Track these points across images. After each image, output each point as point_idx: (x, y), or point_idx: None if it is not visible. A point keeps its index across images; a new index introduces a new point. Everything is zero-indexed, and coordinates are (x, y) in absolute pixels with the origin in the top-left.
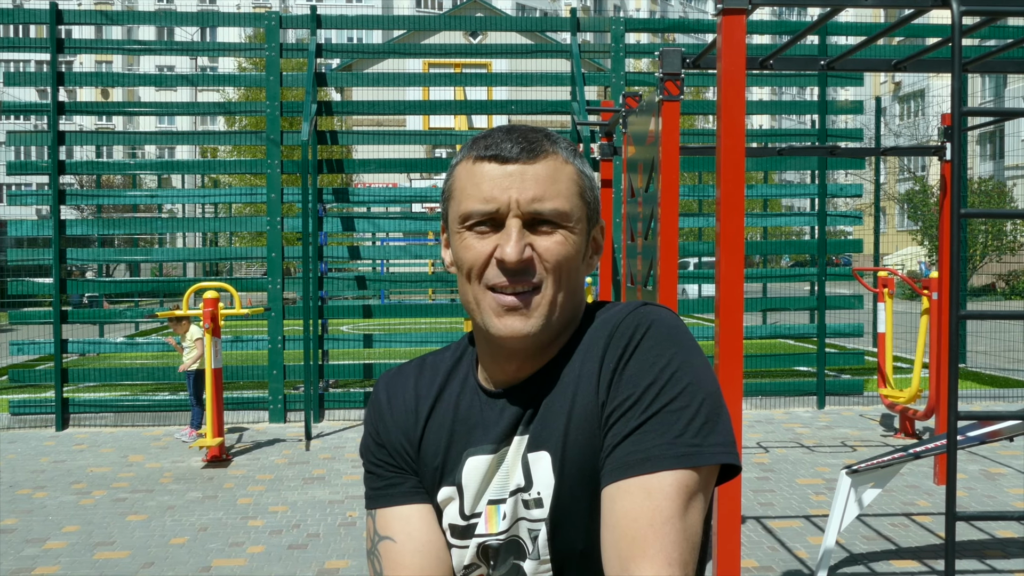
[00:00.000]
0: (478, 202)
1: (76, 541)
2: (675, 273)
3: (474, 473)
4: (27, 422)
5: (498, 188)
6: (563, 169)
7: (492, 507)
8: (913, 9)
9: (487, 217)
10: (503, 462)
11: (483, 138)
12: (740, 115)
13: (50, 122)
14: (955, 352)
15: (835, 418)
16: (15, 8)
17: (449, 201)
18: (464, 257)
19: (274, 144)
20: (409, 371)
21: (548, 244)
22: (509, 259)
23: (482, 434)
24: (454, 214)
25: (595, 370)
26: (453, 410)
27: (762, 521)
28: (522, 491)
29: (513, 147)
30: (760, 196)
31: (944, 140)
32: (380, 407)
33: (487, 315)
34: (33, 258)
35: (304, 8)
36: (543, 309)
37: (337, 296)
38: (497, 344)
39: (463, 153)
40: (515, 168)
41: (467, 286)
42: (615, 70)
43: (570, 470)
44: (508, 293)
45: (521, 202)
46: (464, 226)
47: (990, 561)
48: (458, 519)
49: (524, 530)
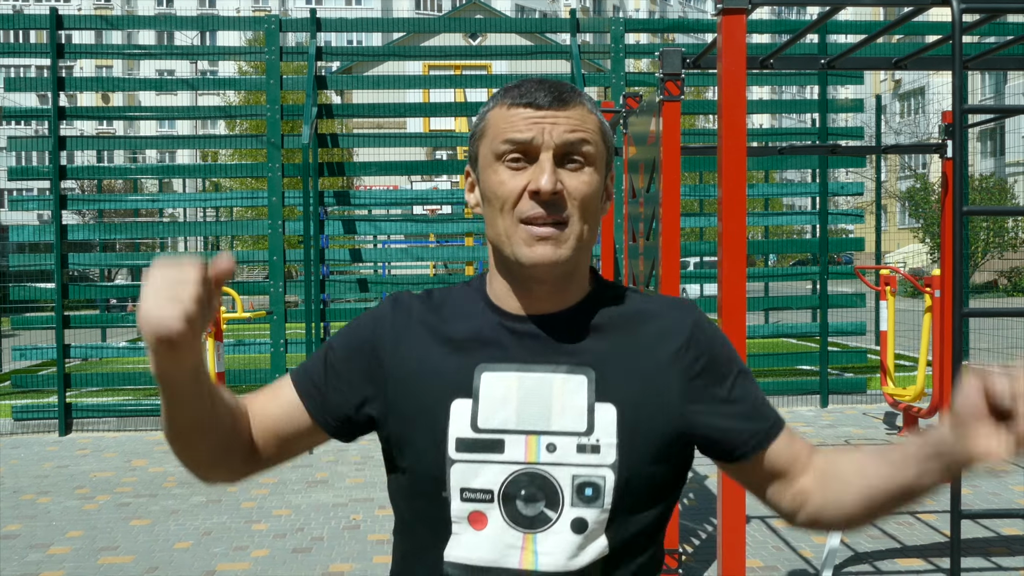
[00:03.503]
0: (514, 133)
1: (80, 546)
2: (677, 273)
3: (493, 389)
4: (30, 427)
5: (534, 125)
6: (589, 116)
7: (533, 437)
8: (913, 7)
9: (522, 148)
10: (535, 389)
11: (515, 87)
12: (741, 114)
13: (51, 127)
14: (958, 349)
15: (838, 417)
16: (15, 13)
17: (481, 139)
18: (498, 191)
19: (275, 147)
20: (416, 295)
21: (576, 183)
22: (545, 188)
23: (499, 352)
24: (487, 150)
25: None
26: (465, 328)
27: (766, 520)
28: (581, 435)
29: (546, 96)
30: (761, 195)
31: (945, 138)
32: (386, 311)
33: (518, 246)
34: (35, 263)
35: (304, 11)
36: (571, 241)
37: (339, 299)
38: (526, 275)
39: (495, 100)
40: (548, 112)
41: (498, 219)
42: (615, 71)
43: (636, 431)
44: (539, 224)
45: (555, 135)
46: (499, 159)
47: (996, 559)
48: (468, 431)
49: (566, 473)
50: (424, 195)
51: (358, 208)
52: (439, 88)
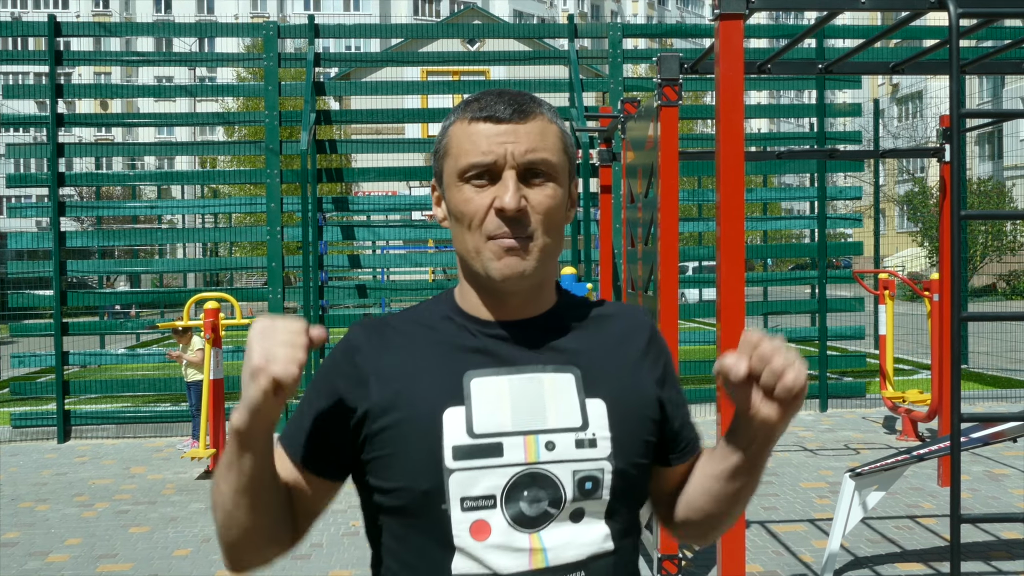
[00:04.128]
0: (477, 155)
1: (79, 554)
2: (675, 278)
3: (485, 393)
4: (29, 435)
5: (495, 143)
6: (549, 127)
7: (531, 437)
8: (910, 11)
9: (485, 169)
10: (527, 390)
11: (475, 101)
12: (739, 119)
13: (49, 134)
14: (957, 354)
15: (838, 421)
16: (14, 21)
17: (445, 158)
18: (464, 209)
19: (273, 154)
20: (383, 319)
21: (540, 197)
22: (508, 207)
23: (485, 358)
24: (451, 169)
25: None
26: (444, 340)
27: (766, 525)
28: (578, 430)
29: (505, 108)
30: (760, 200)
31: (943, 142)
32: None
33: (488, 260)
34: (33, 270)
35: (302, 18)
36: (536, 253)
37: (338, 305)
38: (497, 287)
39: (455, 115)
40: (508, 127)
41: (466, 236)
42: (613, 76)
43: (624, 424)
44: (508, 238)
45: (516, 154)
46: (463, 179)
47: (995, 563)
48: (464, 438)
49: (567, 470)
50: (422, 201)
51: (357, 214)
52: (437, 94)
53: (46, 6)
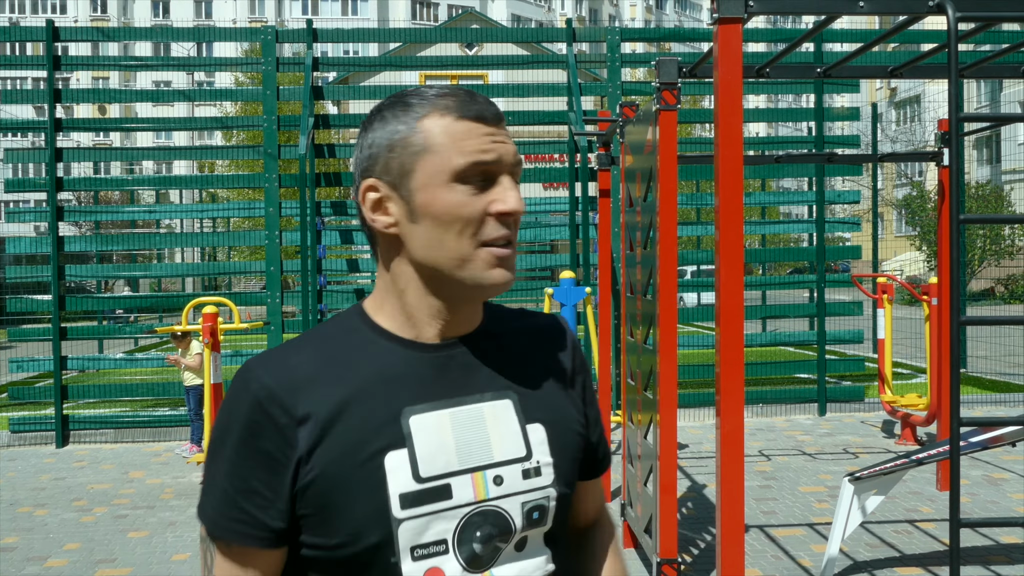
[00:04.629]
0: (477, 154)
1: (77, 559)
2: (674, 282)
3: (427, 433)
4: (27, 439)
5: (493, 143)
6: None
7: (479, 473)
8: (909, 15)
9: (485, 170)
10: (468, 423)
11: (447, 96)
12: (737, 123)
13: (47, 139)
14: (956, 358)
15: (836, 425)
16: (12, 26)
17: (422, 155)
18: (462, 212)
19: (271, 158)
20: (285, 351)
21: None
22: (520, 208)
23: (420, 391)
24: (436, 167)
25: (568, 370)
26: (370, 369)
27: (765, 530)
28: (523, 460)
29: (490, 108)
30: (758, 204)
31: (941, 146)
32: (263, 390)
33: (478, 269)
34: (32, 275)
35: (300, 22)
36: (514, 260)
37: (336, 309)
38: (471, 296)
39: (424, 109)
40: (496, 129)
41: (452, 242)
42: (611, 80)
43: (562, 447)
44: (501, 245)
45: (509, 156)
46: (459, 179)
47: (995, 567)
48: (411, 484)
49: (516, 502)
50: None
51: (355, 218)
52: None
53: (44, 11)
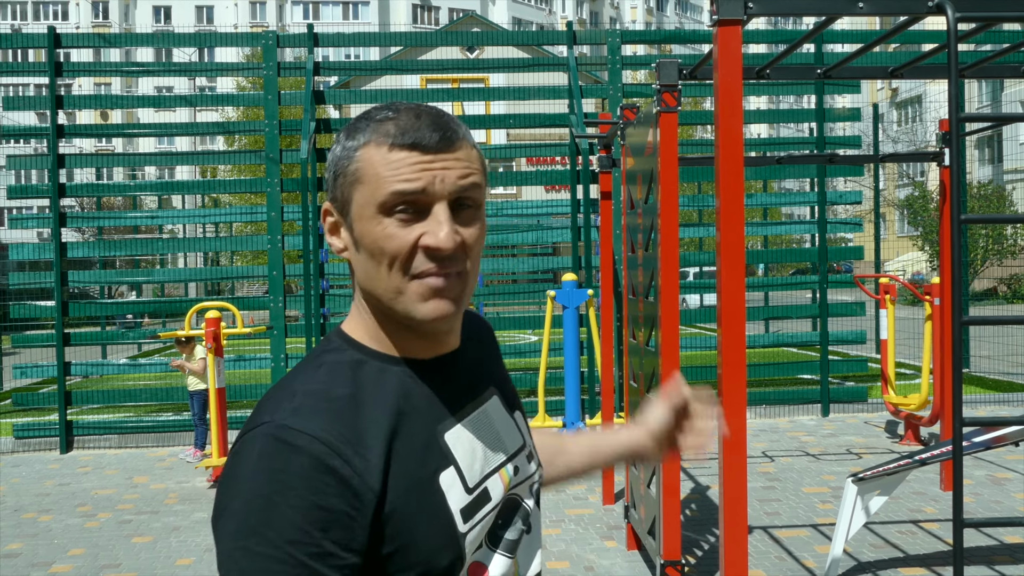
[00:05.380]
0: (403, 183)
1: (82, 564)
2: (676, 284)
3: (464, 445)
4: (31, 445)
5: (423, 172)
6: (472, 153)
7: (503, 469)
8: (909, 16)
9: (413, 200)
10: (483, 426)
11: (390, 121)
12: (738, 125)
13: (50, 145)
14: (959, 358)
15: (840, 426)
16: (14, 33)
17: (356, 185)
18: (386, 247)
19: (273, 162)
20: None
21: (471, 231)
22: (445, 246)
23: (439, 409)
24: (366, 199)
25: (499, 354)
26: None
27: (769, 531)
28: (523, 448)
29: (432, 135)
30: (760, 205)
31: (943, 146)
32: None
33: (412, 303)
34: (35, 281)
35: (301, 27)
36: (466, 292)
37: (339, 313)
38: (421, 329)
39: (365, 135)
40: (435, 156)
41: (384, 275)
42: (612, 82)
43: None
44: (434, 275)
45: (448, 183)
46: (383, 211)
47: (999, 567)
48: (465, 497)
49: (527, 488)
50: None
51: None
52: (437, 101)
53: (46, 17)
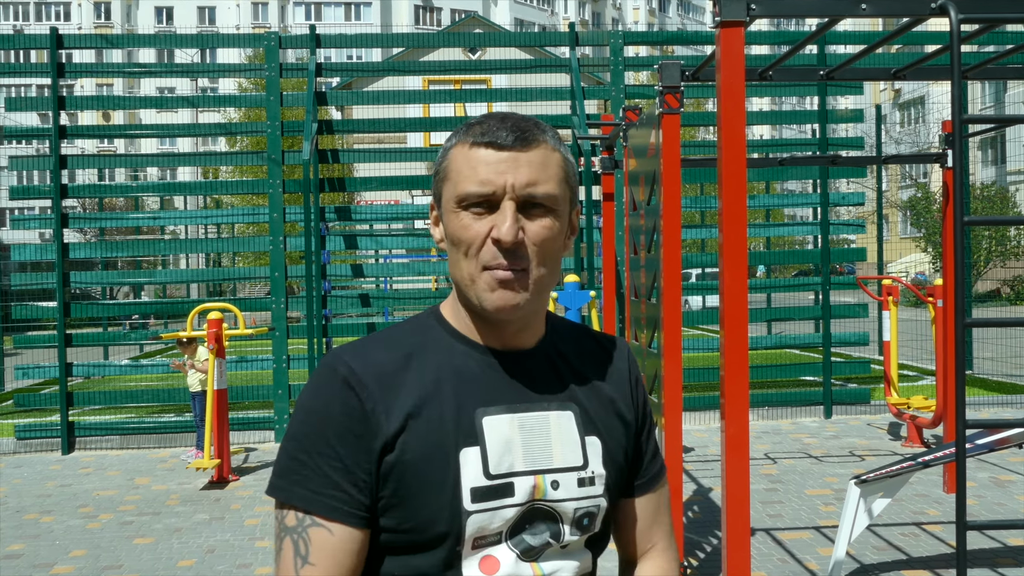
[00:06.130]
0: (475, 184)
1: (83, 565)
2: (679, 285)
3: (497, 433)
4: (33, 446)
5: (494, 172)
6: (552, 156)
7: (540, 476)
8: (912, 17)
9: (483, 199)
10: (535, 429)
11: (477, 124)
12: (740, 126)
13: (52, 146)
14: (962, 360)
15: (842, 427)
16: (16, 34)
17: (444, 182)
18: (461, 236)
19: (275, 164)
20: (368, 344)
21: (537, 228)
22: (505, 239)
23: (489, 394)
24: (450, 194)
25: (627, 391)
26: (447, 368)
27: (771, 533)
28: (580, 469)
29: (508, 135)
30: (762, 206)
31: (945, 147)
32: (352, 375)
33: (482, 291)
34: (37, 282)
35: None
36: (531, 285)
37: (341, 314)
38: (491, 317)
39: (457, 137)
40: (510, 155)
41: (462, 263)
42: (615, 83)
43: (612, 461)
44: (502, 268)
45: (516, 186)
46: (461, 206)
47: (1002, 570)
48: (481, 479)
49: (569, 507)
50: (425, 209)
51: (359, 223)
52: (439, 103)
53: (48, 18)
